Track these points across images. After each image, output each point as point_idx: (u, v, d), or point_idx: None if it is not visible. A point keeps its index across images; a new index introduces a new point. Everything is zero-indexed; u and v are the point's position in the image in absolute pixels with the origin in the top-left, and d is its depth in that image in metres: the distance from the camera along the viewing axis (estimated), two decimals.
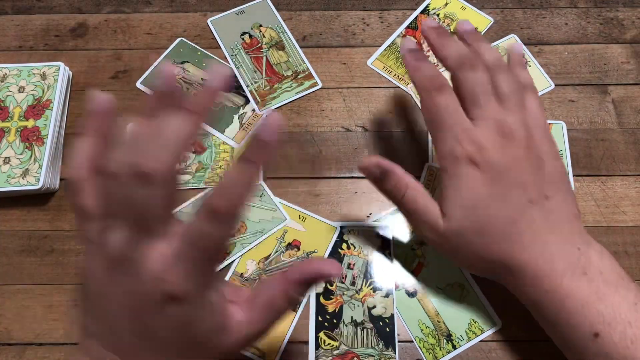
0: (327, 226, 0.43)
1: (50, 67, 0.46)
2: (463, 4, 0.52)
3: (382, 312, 0.40)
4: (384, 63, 0.49)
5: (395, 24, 0.51)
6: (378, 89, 0.48)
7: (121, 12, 0.52)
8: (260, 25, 0.51)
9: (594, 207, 0.43)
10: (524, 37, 0.50)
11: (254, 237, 0.42)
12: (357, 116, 0.47)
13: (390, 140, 0.46)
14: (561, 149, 0.45)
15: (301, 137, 0.46)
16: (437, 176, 0.44)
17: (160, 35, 0.51)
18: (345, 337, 0.39)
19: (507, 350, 0.39)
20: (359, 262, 0.41)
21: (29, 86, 0.46)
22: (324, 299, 0.40)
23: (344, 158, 0.45)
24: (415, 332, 0.39)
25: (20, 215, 0.43)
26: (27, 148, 0.43)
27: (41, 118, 0.44)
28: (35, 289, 0.41)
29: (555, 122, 0.47)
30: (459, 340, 0.39)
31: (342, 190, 0.44)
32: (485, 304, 0.40)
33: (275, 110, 0.47)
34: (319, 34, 0.51)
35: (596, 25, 0.51)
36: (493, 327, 0.39)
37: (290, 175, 0.45)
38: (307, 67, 0.49)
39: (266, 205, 0.43)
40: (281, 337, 0.39)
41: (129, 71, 0.49)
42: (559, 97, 0.48)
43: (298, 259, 0.42)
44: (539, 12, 0.52)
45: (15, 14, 0.52)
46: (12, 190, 0.42)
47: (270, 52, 0.50)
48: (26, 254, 0.42)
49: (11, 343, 0.39)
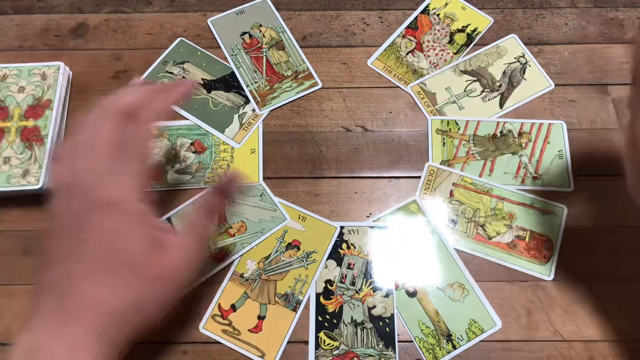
0: (327, 226, 0.43)
1: (50, 67, 0.46)
2: (463, 4, 0.52)
3: (382, 312, 0.40)
4: (384, 63, 0.49)
5: (395, 24, 0.51)
6: (378, 89, 0.48)
7: (121, 12, 0.52)
8: (260, 25, 0.51)
9: (594, 207, 0.43)
10: (524, 37, 0.50)
11: (254, 237, 0.42)
12: (357, 116, 0.47)
13: (391, 140, 0.46)
14: (561, 149, 0.45)
15: (301, 137, 0.46)
16: (438, 176, 0.44)
17: (160, 35, 0.51)
18: (345, 337, 0.39)
19: (507, 350, 0.39)
20: (359, 262, 0.41)
21: (29, 86, 0.46)
22: (324, 299, 0.40)
23: (344, 158, 0.45)
24: (415, 332, 0.39)
25: (20, 215, 0.43)
26: (27, 148, 0.43)
27: (41, 118, 0.44)
28: None
29: (555, 122, 0.47)
30: (459, 340, 0.39)
31: (342, 190, 0.44)
32: (485, 304, 0.40)
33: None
34: (319, 34, 0.51)
35: (596, 25, 0.51)
36: (493, 327, 0.39)
37: (290, 175, 0.45)
38: (307, 67, 0.49)
39: (266, 205, 0.43)
40: (281, 337, 0.39)
41: (129, 71, 0.49)
42: (559, 97, 0.48)
43: (298, 259, 0.42)
44: (539, 12, 0.52)
45: (15, 14, 0.52)
46: (12, 190, 0.42)
47: (270, 52, 0.50)
48: (26, 254, 0.42)
49: (11, 343, 0.39)
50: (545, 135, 0.46)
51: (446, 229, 0.43)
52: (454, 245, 0.42)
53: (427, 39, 0.50)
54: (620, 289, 0.39)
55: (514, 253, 0.42)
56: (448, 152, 0.46)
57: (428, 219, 0.43)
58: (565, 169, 0.45)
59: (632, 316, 0.39)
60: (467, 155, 0.45)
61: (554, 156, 0.45)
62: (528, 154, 0.45)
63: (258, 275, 0.41)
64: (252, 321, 0.40)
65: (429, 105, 0.47)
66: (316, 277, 0.41)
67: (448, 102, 0.48)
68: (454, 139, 0.46)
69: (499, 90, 0.48)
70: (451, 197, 0.44)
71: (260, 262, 0.42)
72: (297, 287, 0.41)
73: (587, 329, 0.39)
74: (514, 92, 0.48)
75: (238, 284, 0.41)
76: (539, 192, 0.44)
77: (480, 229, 0.43)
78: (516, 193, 0.44)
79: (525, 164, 0.45)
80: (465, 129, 0.46)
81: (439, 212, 0.43)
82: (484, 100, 0.48)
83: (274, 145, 0.46)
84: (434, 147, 0.46)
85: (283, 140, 0.46)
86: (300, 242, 0.42)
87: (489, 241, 0.42)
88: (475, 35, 0.51)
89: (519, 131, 0.46)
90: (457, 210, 0.43)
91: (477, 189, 0.44)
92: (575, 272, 0.41)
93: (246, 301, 0.40)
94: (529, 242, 0.42)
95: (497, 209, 0.43)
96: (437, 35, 0.51)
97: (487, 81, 0.48)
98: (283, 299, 0.40)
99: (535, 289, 0.41)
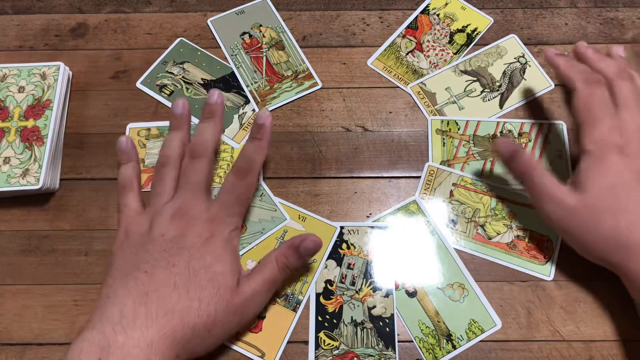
0: (327, 226, 0.43)
1: (50, 67, 0.46)
2: (463, 4, 0.52)
3: (382, 312, 0.40)
4: (384, 63, 0.49)
5: (395, 24, 0.51)
6: (378, 89, 0.48)
7: (121, 12, 0.52)
8: (260, 25, 0.51)
9: None
10: (524, 37, 0.50)
11: (254, 237, 0.42)
12: (357, 116, 0.47)
13: (390, 140, 0.46)
14: (561, 149, 0.45)
15: (301, 137, 0.46)
16: (438, 176, 0.44)
17: (160, 35, 0.51)
18: (345, 337, 0.39)
19: (507, 350, 0.39)
20: (359, 262, 0.41)
21: (29, 86, 0.46)
22: (324, 299, 0.40)
23: (344, 158, 0.45)
24: (415, 332, 0.39)
25: (20, 215, 0.43)
26: (27, 148, 0.43)
27: (41, 118, 0.44)
28: (35, 289, 0.41)
29: (555, 122, 0.47)
30: (459, 340, 0.39)
31: (342, 190, 0.44)
32: (485, 304, 0.40)
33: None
34: (319, 34, 0.51)
35: (596, 25, 0.51)
36: (493, 327, 0.39)
37: (290, 175, 0.45)
38: (307, 67, 0.49)
39: (266, 205, 0.43)
40: (281, 337, 0.39)
41: (129, 71, 0.49)
42: (559, 97, 0.48)
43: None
44: (539, 12, 0.52)
45: (15, 14, 0.52)
46: (12, 190, 0.42)
47: (270, 52, 0.50)
48: (26, 254, 0.42)
49: (11, 343, 0.39)
50: (545, 135, 0.46)
51: (446, 229, 0.43)
52: (454, 245, 0.42)
53: (427, 39, 0.50)
54: (620, 289, 0.39)
55: (514, 253, 0.42)
56: (448, 152, 0.46)
57: (428, 219, 0.43)
58: (565, 169, 0.45)
59: (632, 316, 0.39)
60: (467, 155, 0.45)
61: (554, 156, 0.45)
62: None
63: None
64: None
65: (428, 105, 0.47)
66: (316, 277, 0.41)
67: (448, 102, 0.48)
68: (454, 139, 0.46)
69: (499, 91, 0.48)
70: (451, 197, 0.44)
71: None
72: (297, 287, 0.41)
73: (587, 329, 0.39)
74: (514, 92, 0.48)
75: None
76: None
77: (480, 229, 0.43)
78: (516, 193, 0.44)
79: None
80: (465, 129, 0.46)
81: (439, 212, 0.43)
82: (484, 100, 0.48)
83: (274, 146, 0.46)
84: (433, 147, 0.46)
85: (283, 140, 0.46)
86: None
87: (488, 241, 0.42)
88: (475, 35, 0.51)
89: (519, 131, 0.46)
90: (457, 210, 0.43)
91: (477, 189, 0.44)
92: (575, 272, 0.41)
93: None
94: (529, 242, 0.42)
95: (497, 209, 0.43)
96: (437, 35, 0.51)
97: (487, 81, 0.48)
98: (283, 299, 0.40)
99: (535, 289, 0.41)
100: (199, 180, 0.39)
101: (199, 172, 0.39)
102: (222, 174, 0.45)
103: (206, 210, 0.38)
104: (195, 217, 0.37)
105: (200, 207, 0.38)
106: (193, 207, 0.38)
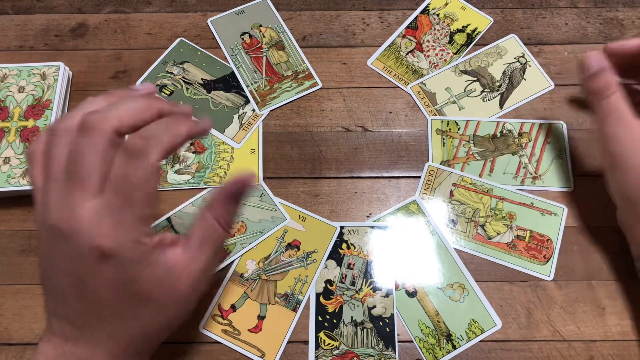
0: (327, 226, 0.43)
1: (50, 67, 0.46)
2: (463, 4, 0.52)
3: (382, 312, 0.40)
4: (384, 63, 0.49)
5: (395, 24, 0.51)
6: (378, 89, 0.48)
7: (121, 12, 0.52)
8: (260, 25, 0.51)
9: (594, 207, 0.43)
10: (524, 37, 0.50)
11: (254, 237, 0.42)
12: (357, 116, 0.47)
13: (390, 140, 0.46)
14: (561, 149, 0.45)
15: (301, 137, 0.46)
16: (438, 176, 0.44)
17: (160, 35, 0.51)
18: (345, 337, 0.39)
19: (507, 350, 0.39)
20: (359, 262, 0.41)
21: (29, 86, 0.46)
22: (324, 299, 0.40)
23: (344, 158, 0.45)
24: (415, 332, 0.39)
25: (20, 215, 0.43)
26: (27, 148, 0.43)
27: (41, 118, 0.44)
28: (35, 289, 0.41)
29: (555, 122, 0.47)
30: (459, 340, 0.39)
31: (342, 190, 0.44)
32: (485, 304, 0.40)
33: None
34: (319, 34, 0.51)
35: (596, 25, 0.51)
36: (493, 327, 0.39)
37: (290, 176, 0.45)
38: (307, 67, 0.49)
39: (266, 205, 0.43)
40: (281, 337, 0.39)
41: (129, 71, 0.49)
42: (559, 97, 0.48)
43: (298, 259, 0.42)
44: (539, 12, 0.52)
45: (15, 14, 0.52)
46: (12, 190, 0.42)
47: (270, 52, 0.50)
48: (26, 254, 0.42)
49: (11, 343, 0.39)
50: (545, 135, 0.46)
51: (446, 229, 0.43)
52: (454, 245, 0.42)
53: (427, 39, 0.50)
54: (620, 289, 0.39)
55: (514, 253, 0.42)
56: (448, 152, 0.46)
57: (428, 219, 0.43)
58: (565, 169, 0.45)
59: (632, 316, 0.39)
60: (467, 155, 0.45)
61: (554, 156, 0.45)
62: (528, 154, 0.45)
63: (258, 275, 0.41)
64: (252, 321, 0.40)
65: (428, 105, 0.47)
66: (316, 277, 0.41)
67: (448, 102, 0.48)
68: (454, 139, 0.46)
69: (499, 90, 0.48)
70: (451, 197, 0.44)
71: (260, 262, 0.42)
72: (297, 287, 0.41)
73: (587, 329, 0.39)
74: (514, 92, 0.48)
75: (238, 284, 0.41)
76: (539, 192, 0.44)
77: (480, 229, 0.43)
78: (516, 193, 0.44)
79: (525, 164, 0.45)
80: (465, 129, 0.46)
81: (439, 212, 0.43)
82: (483, 100, 0.48)
83: (274, 146, 0.46)
84: (433, 147, 0.46)
85: (283, 140, 0.46)
86: (300, 242, 0.42)
87: (488, 241, 0.42)
88: (475, 35, 0.51)
89: (519, 131, 0.46)
90: (456, 210, 0.43)
91: (477, 189, 0.44)
92: (575, 272, 0.41)
93: (246, 301, 0.40)
94: (529, 242, 0.42)
95: (497, 209, 0.43)
96: (437, 35, 0.51)
97: (487, 81, 0.48)
98: (283, 299, 0.40)
99: (535, 289, 0.41)
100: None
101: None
102: (222, 174, 0.45)
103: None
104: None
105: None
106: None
